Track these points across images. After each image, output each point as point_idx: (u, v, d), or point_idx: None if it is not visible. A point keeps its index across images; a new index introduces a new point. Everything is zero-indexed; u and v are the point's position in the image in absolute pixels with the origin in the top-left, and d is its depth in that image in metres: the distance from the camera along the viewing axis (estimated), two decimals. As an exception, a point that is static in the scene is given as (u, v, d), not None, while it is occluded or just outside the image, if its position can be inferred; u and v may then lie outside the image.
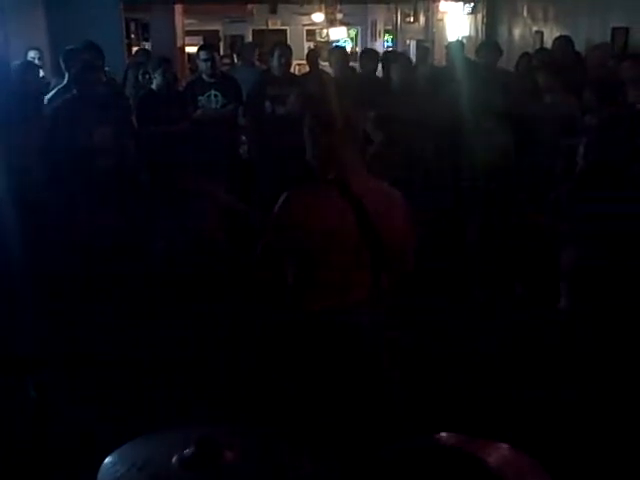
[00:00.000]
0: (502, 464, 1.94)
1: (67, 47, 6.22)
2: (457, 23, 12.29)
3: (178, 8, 12.58)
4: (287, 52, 6.65)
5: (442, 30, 13.29)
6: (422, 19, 14.59)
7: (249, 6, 18.23)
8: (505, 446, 2.02)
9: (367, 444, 2.45)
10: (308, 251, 2.86)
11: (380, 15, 18.66)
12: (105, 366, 3.95)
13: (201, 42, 12.22)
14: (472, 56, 7.41)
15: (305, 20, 20.52)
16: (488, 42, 7.62)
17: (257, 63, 8.74)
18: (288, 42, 15.56)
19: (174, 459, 1.89)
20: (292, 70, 8.06)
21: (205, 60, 6.57)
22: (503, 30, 10.70)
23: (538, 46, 8.55)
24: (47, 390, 3.47)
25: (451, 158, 5.77)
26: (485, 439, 2.05)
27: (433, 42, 13.27)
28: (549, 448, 2.56)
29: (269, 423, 2.30)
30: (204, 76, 6.65)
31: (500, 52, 6.55)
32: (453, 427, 2.12)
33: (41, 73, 6.81)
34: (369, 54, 7.27)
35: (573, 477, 2.87)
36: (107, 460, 1.97)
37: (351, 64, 7.52)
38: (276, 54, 6.54)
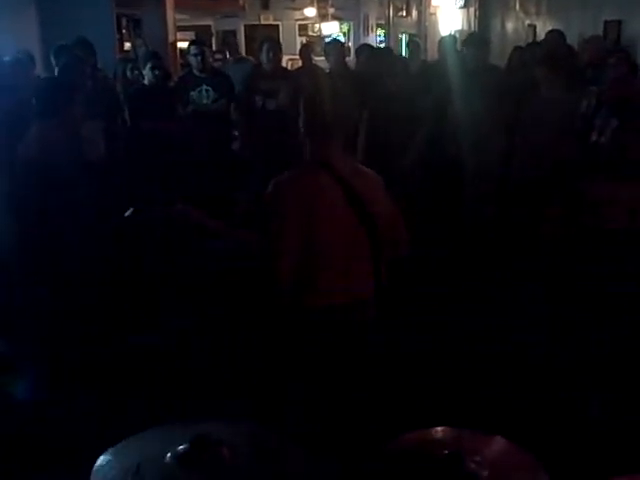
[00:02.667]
0: (498, 457, 1.94)
1: (58, 43, 6.18)
2: (449, 17, 12.29)
3: (170, 3, 12.53)
4: (275, 46, 6.63)
5: (434, 24, 13.30)
6: (414, 13, 14.60)
7: (241, 1, 18.21)
8: (501, 439, 2.02)
9: (366, 441, 2.45)
10: (307, 238, 2.83)
11: (372, 9, 18.67)
12: (100, 365, 3.93)
13: (193, 37, 12.23)
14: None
15: (297, 15, 20.51)
16: (474, 35, 7.54)
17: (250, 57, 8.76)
18: (280, 37, 15.61)
19: (169, 458, 1.88)
20: (284, 65, 8.04)
21: (195, 55, 6.57)
22: (496, 24, 10.71)
23: (531, 39, 8.56)
24: (32, 389, 3.48)
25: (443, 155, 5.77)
26: (482, 432, 2.05)
27: (425, 36, 13.28)
28: (545, 443, 2.56)
29: (266, 420, 2.29)
30: (195, 71, 6.64)
31: (488, 45, 6.50)
32: (451, 422, 2.12)
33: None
34: (365, 50, 7.24)
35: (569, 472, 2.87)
36: (101, 459, 1.95)
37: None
38: (264, 49, 6.53)
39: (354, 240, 2.89)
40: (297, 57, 9.35)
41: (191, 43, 7.10)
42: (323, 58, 7.28)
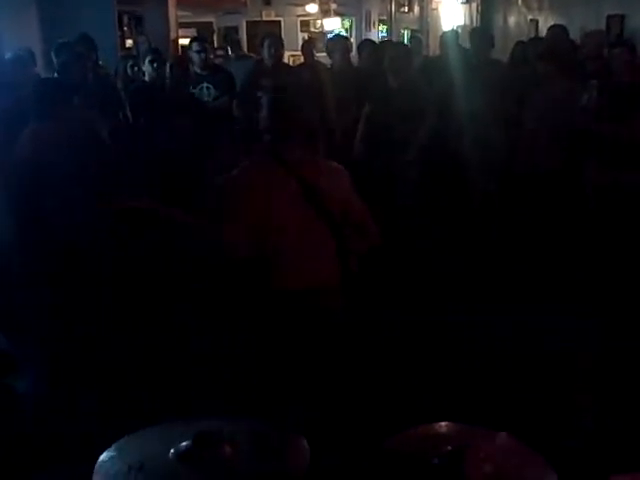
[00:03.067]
0: (502, 453, 1.93)
1: (59, 40, 6.17)
2: (452, 12, 12.28)
3: (172, 0, 12.52)
4: (277, 42, 6.61)
5: (437, 19, 13.28)
6: (416, 9, 14.57)
7: (243, -3, 18.22)
8: (505, 435, 2.01)
9: (365, 435, 2.44)
10: (262, 227, 2.89)
11: (374, 5, 18.64)
12: (99, 363, 3.93)
13: (195, 34, 12.22)
14: (467, 45, 7.38)
15: (299, 11, 20.47)
16: (477, 30, 7.52)
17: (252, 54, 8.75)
18: (282, 33, 15.57)
19: (171, 455, 1.87)
20: (286, 61, 8.02)
21: (198, 52, 6.55)
22: (498, 18, 10.69)
23: (533, 34, 8.54)
24: (34, 387, 3.47)
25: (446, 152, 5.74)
26: (486, 428, 2.04)
27: (428, 32, 13.26)
28: (547, 439, 2.55)
29: (263, 414, 2.29)
30: (196, 68, 6.61)
31: (492, 40, 6.45)
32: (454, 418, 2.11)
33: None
34: (367, 45, 7.20)
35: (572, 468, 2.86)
36: (104, 456, 1.95)
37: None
38: (266, 45, 6.52)
39: (311, 230, 2.93)
40: (299, 53, 9.33)
41: (193, 40, 7.08)
42: (324, 54, 7.26)
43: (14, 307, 4.07)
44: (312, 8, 19.69)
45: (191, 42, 7.00)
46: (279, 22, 20.54)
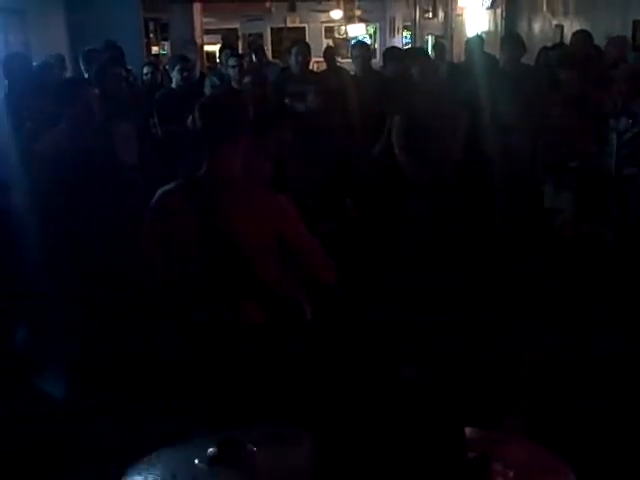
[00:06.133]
0: (524, 458, 1.94)
1: (87, 47, 6.25)
2: (476, 18, 12.25)
3: (197, 7, 12.65)
4: (304, 50, 6.65)
5: (461, 25, 13.26)
6: (441, 15, 14.55)
7: (267, 4, 18.32)
8: (525, 440, 2.02)
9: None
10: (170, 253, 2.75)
11: (399, 11, 18.65)
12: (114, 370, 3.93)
13: (220, 40, 12.32)
14: (491, 51, 7.37)
15: (323, 17, 20.55)
16: (511, 36, 7.49)
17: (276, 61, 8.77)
18: (307, 39, 15.63)
19: (200, 461, 1.91)
20: (311, 67, 8.06)
21: (233, 67, 6.56)
22: (523, 24, 10.65)
23: (558, 40, 8.50)
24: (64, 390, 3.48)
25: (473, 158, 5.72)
26: (505, 433, 2.05)
27: (452, 38, 13.24)
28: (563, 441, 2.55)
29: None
30: (233, 83, 6.60)
31: (523, 47, 6.43)
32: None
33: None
34: (393, 52, 7.22)
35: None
36: (133, 471, 1.96)
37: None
38: (293, 52, 6.57)
39: (211, 262, 2.68)
40: (323, 60, 9.36)
41: (230, 53, 7.10)
42: (349, 60, 7.29)
43: (43, 309, 4.11)
44: (337, 14, 19.76)
45: (229, 56, 7.00)
46: (303, 28, 20.64)
